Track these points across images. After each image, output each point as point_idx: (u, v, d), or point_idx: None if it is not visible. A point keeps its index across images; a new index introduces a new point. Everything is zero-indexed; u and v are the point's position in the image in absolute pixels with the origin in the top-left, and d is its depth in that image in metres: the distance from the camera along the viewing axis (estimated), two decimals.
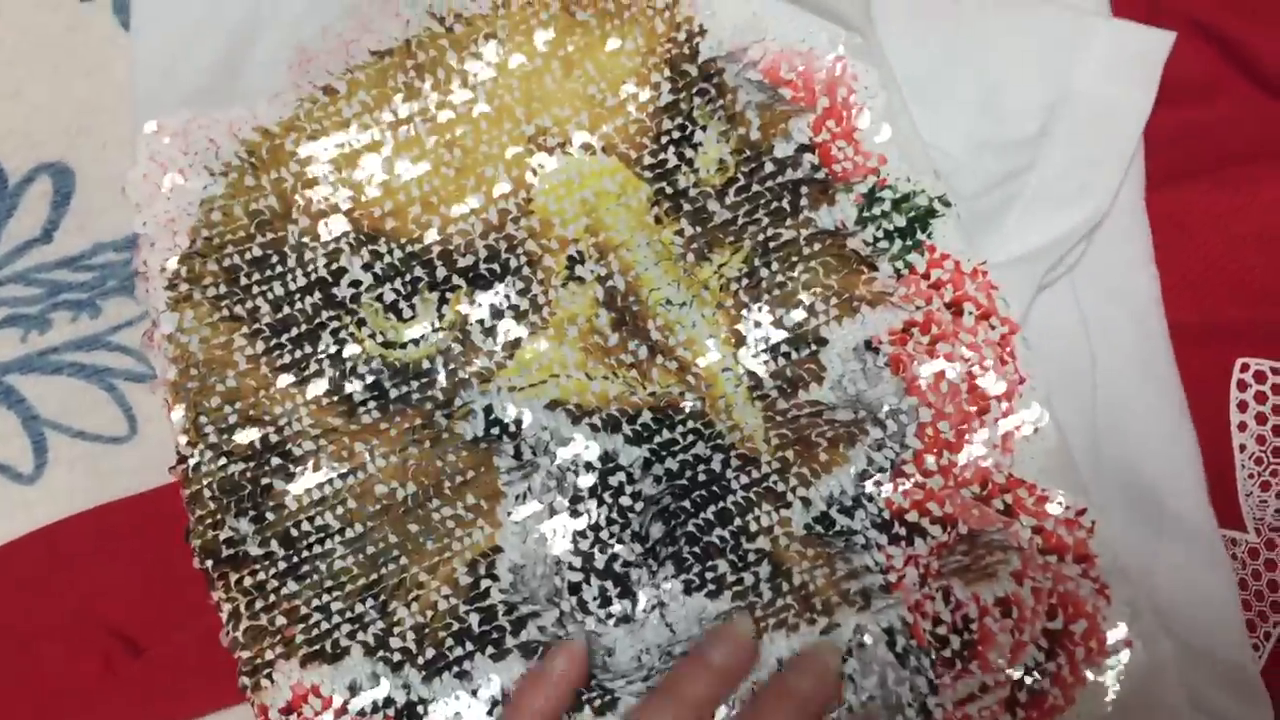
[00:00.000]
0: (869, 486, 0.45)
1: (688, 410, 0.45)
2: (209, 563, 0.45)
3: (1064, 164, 0.49)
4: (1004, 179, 0.49)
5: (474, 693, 0.44)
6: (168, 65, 0.49)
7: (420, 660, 0.44)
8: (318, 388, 0.46)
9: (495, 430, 0.46)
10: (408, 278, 0.47)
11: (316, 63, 0.48)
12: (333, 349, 0.46)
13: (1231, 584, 0.48)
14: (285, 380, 0.46)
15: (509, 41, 0.48)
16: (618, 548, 0.45)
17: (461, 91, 0.48)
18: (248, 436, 0.46)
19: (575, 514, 0.45)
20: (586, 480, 0.45)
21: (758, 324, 0.46)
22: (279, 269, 0.47)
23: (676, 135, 0.48)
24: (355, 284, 0.47)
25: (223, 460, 0.45)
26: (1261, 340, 0.51)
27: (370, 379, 0.46)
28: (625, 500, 0.45)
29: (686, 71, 0.48)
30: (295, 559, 0.45)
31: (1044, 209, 0.48)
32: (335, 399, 0.46)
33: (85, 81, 0.52)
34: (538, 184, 0.47)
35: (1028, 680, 0.44)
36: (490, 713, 0.44)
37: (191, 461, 0.46)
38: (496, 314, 0.46)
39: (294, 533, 0.45)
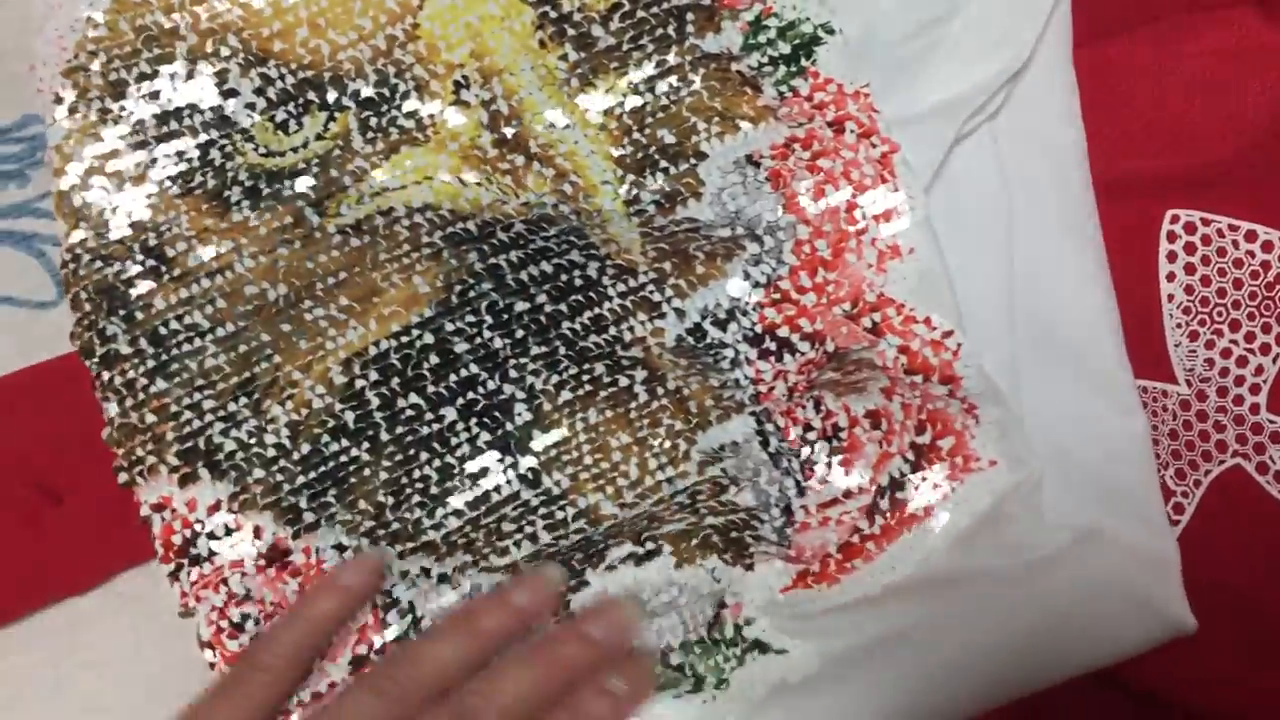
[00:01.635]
0: (743, 298, 0.46)
1: (563, 225, 0.46)
2: (87, 361, 0.45)
3: (984, 13, 0.49)
4: (926, 26, 0.49)
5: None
6: None
7: (295, 456, 0.44)
8: (200, 196, 0.46)
9: (365, 226, 0.46)
10: (300, 101, 0.47)
11: None
12: (218, 162, 0.46)
13: (1145, 432, 0.49)
14: (168, 189, 0.46)
15: None
16: (489, 335, 0.45)
17: None
18: (121, 235, 0.46)
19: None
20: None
21: (639, 143, 0.47)
22: (166, 85, 0.47)
23: None
24: (249, 106, 0.47)
25: (99, 263, 0.45)
26: (1191, 191, 0.51)
27: (249, 184, 0.46)
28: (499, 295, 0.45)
29: None
30: (164, 357, 0.45)
31: (964, 57, 0.49)
32: (214, 203, 0.46)
33: None
34: (423, 8, 0.47)
35: (891, 489, 0.45)
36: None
37: (71, 266, 0.46)
38: (380, 129, 0.47)
39: (162, 331, 0.45)
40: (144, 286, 0.45)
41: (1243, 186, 0.51)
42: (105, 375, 0.45)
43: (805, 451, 0.45)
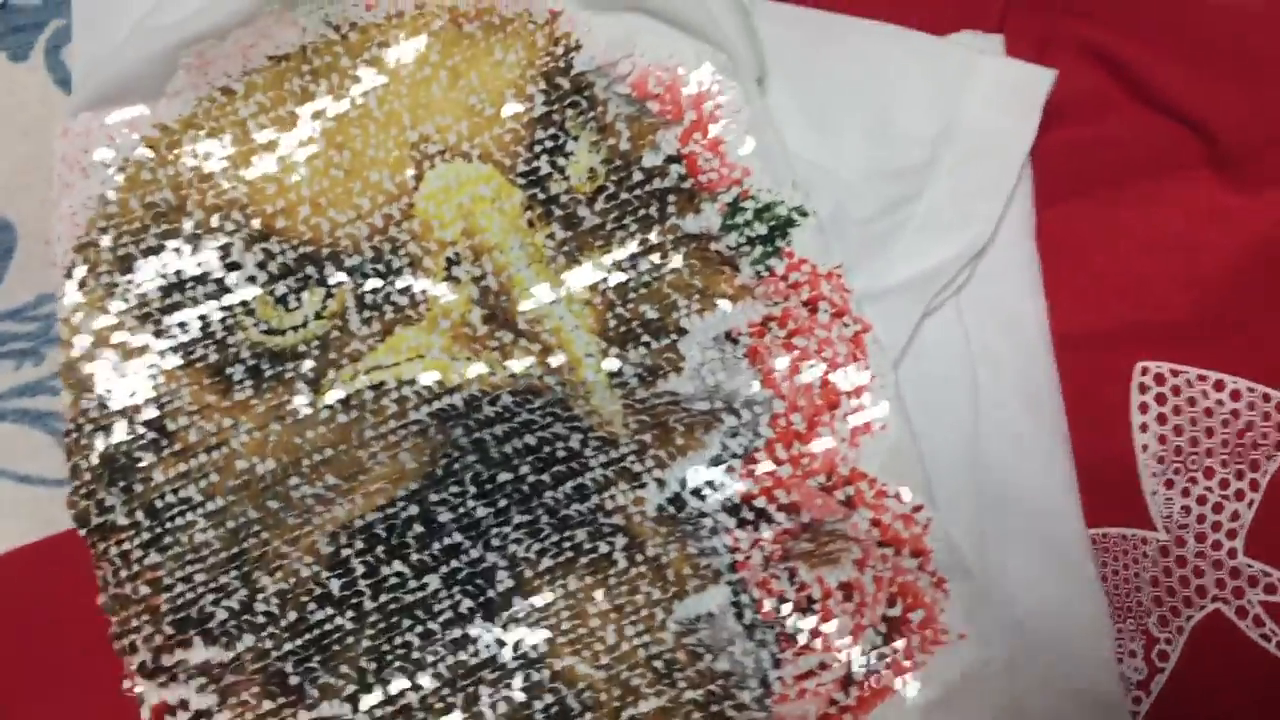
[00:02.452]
0: (721, 472, 0.47)
1: (548, 397, 0.47)
2: (82, 531, 0.46)
3: (949, 192, 0.51)
4: (895, 205, 0.51)
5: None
6: (88, 71, 0.52)
7: (283, 623, 0.46)
8: (202, 370, 0.48)
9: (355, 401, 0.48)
10: (299, 275, 0.49)
11: (216, 65, 0.51)
12: (220, 335, 0.48)
13: (1102, 610, 0.50)
14: (172, 361, 0.48)
15: (400, 50, 0.51)
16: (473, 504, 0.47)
17: (354, 96, 0.51)
18: (123, 406, 0.48)
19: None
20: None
21: (623, 317, 0.49)
22: (172, 259, 0.49)
23: (550, 145, 0.50)
24: (250, 279, 0.49)
25: (100, 434, 0.47)
26: (1159, 344, 0.53)
27: (251, 362, 0.48)
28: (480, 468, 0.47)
29: (560, 84, 0.51)
30: (158, 530, 0.46)
31: (930, 235, 0.51)
32: (216, 379, 0.48)
33: (23, 140, 0.54)
34: (420, 189, 0.50)
35: (865, 661, 0.46)
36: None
37: (74, 436, 0.47)
38: (376, 307, 0.49)
39: (158, 504, 0.47)
40: (145, 459, 0.47)
41: (1207, 340, 0.53)
42: (100, 545, 0.46)
43: (783, 623, 0.46)
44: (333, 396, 0.48)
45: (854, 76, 0.53)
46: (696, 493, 0.47)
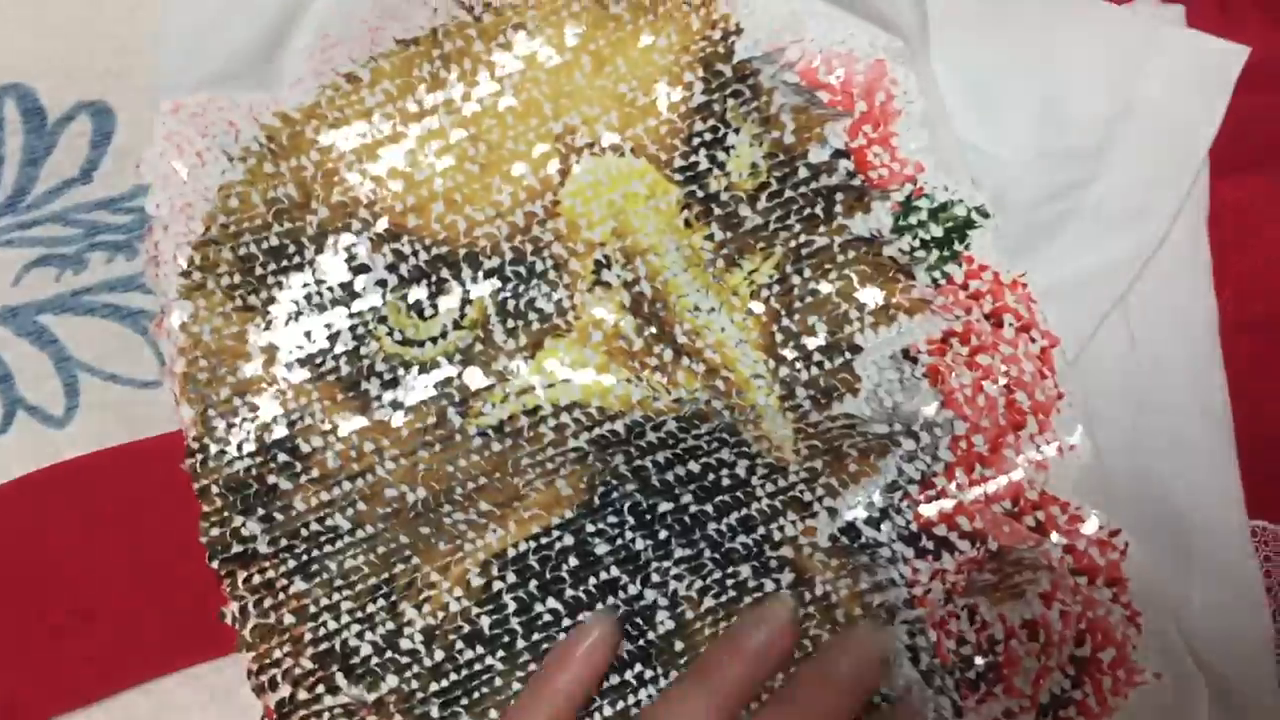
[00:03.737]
0: (898, 499, 0.44)
1: (716, 424, 0.44)
2: (216, 561, 0.43)
3: (1125, 181, 0.47)
4: (1062, 192, 0.47)
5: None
6: (192, 45, 0.48)
7: (428, 662, 0.43)
8: (334, 384, 0.45)
9: (509, 428, 0.44)
10: (433, 279, 0.45)
11: (340, 49, 0.47)
12: (350, 345, 0.45)
13: (1267, 626, 0.46)
14: (300, 375, 0.45)
15: (538, 33, 0.47)
16: (631, 536, 0.44)
17: (489, 84, 0.47)
18: (257, 431, 0.44)
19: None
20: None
21: (790, 331, 0.45)
22: (296, 260, 0.46)
23: (709, 138, 0.46)
24: (381, 283, 0.45)
25: (230, 456, 0.44)
26: None
27: (388, 376, 0.45)
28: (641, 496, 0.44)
29: (721, 71, 0.47)
30: (305, 557, 0.43)
31: (1101, 227, 0.47)
32: (350, 395, 0.44)
33: (125, 24, 0.51)
34: (565, 185, 0.46)
35: (1052, 707, 0.42)
36: None
37: (199, 457, 0.44)
38: (520, 315, 0.45)
39: (304, 532, 0.43)
40: (281, 484, 0.44)
41: None
42: (240, 574, 0.43)
43: (963, 668, 0.43)
44: (484, 422, 0.44)
45: (1022, 49, 0.48)
46: (871, 521, 0.44)
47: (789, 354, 0.45)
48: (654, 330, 0.44)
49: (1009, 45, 0.48)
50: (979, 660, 0.43)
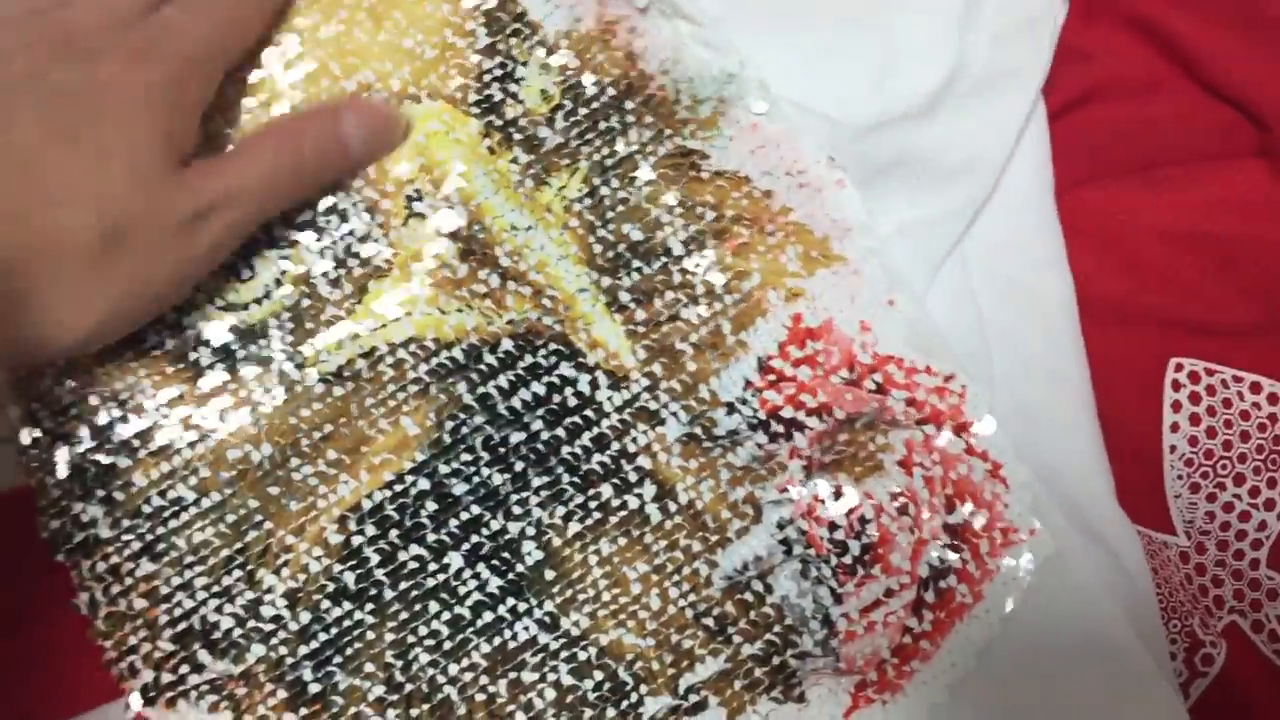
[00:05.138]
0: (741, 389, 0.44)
1: (548, 335, 0.44)
2: (60, 555, 0.42)
3: (952, 136, 0.48)
4: (898, 151, 0.48)
5: None
6: None
7: (294, 626, 0.42)
8: (161, 358, 0.43)
9: (348, 371, 0.44)
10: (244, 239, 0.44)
11: None
12: (171, 318, 0.44)
13: (1149, 586, 0.47)
14: (123, 354, 0.43)
15: (309, 10, 0.46)
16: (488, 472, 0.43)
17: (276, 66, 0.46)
18: (77, 410, 0.43)
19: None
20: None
21: (607, 240, 0.45)
22: None
23: (499, 73, 0.46)
24: None
25: (61, 444, 0.43)
26: (1194, 341, 0.50)
27: (217, 343, 0.44)
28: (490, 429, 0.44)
29: (499, 17, 0.47)
30: (150, 537, 0.42)
31: (934, 181, 0.48)
32: (180, 366, 0.43)
33: None
34: None
35: (933, 579, 0.44)
36: None
37: (31, 453, 0.43)
38: (340, 263, 0.44)
39: (146, 509, 0.42)
40: (120, 463, 0.43)
41: (1246, 338, 0.50)
42: (85, 564, 0.42)
43: (835, 554, 0.43)
44: (323, 369, 0.44)
45: (855, 18, 0.49)
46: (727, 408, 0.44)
47: (608, 263, 0.45)
48: (476, 255, 0.44)
49: (841, 13, 0.49)
50: (853, 544, 0.43)
